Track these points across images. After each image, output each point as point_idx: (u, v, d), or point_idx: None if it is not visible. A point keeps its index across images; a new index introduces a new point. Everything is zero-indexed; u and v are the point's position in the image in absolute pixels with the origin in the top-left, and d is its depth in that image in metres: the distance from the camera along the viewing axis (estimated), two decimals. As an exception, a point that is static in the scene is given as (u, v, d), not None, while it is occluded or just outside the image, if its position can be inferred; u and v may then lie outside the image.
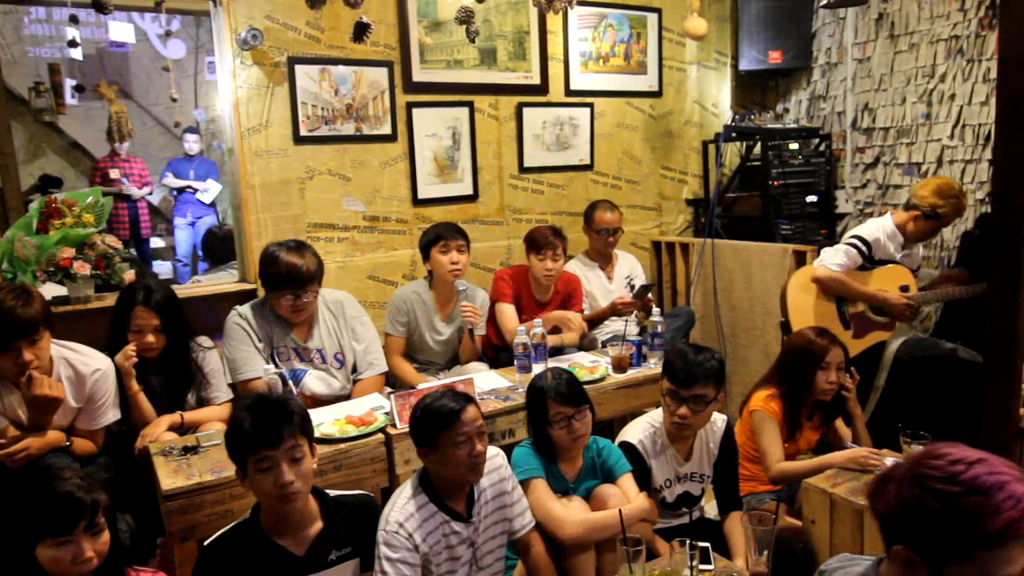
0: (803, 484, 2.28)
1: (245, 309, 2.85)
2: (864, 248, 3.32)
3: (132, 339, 2.64)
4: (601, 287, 3.88)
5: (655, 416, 2.44)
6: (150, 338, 2.64)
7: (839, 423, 2.80)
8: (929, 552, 1.15)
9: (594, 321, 3.80)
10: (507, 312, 3.45)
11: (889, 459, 2.33)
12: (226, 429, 1.78)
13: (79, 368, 2.47)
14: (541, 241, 3.43)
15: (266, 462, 1.68)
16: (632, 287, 3.87)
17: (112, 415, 2.56)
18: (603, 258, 3.92)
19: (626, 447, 2.34)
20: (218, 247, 4.65)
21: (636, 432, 2.39)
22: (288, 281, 2.73)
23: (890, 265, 3.37)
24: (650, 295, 3.22)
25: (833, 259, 3.33)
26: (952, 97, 3.99)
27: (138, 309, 2.64)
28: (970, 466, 1.14)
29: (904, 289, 3.35)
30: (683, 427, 2.32)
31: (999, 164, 2.18)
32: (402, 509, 1.88)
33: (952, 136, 3.99)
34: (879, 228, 3.37)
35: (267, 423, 1.70)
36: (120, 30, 4.00)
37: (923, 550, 1.15)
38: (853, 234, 3.40)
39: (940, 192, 3.26)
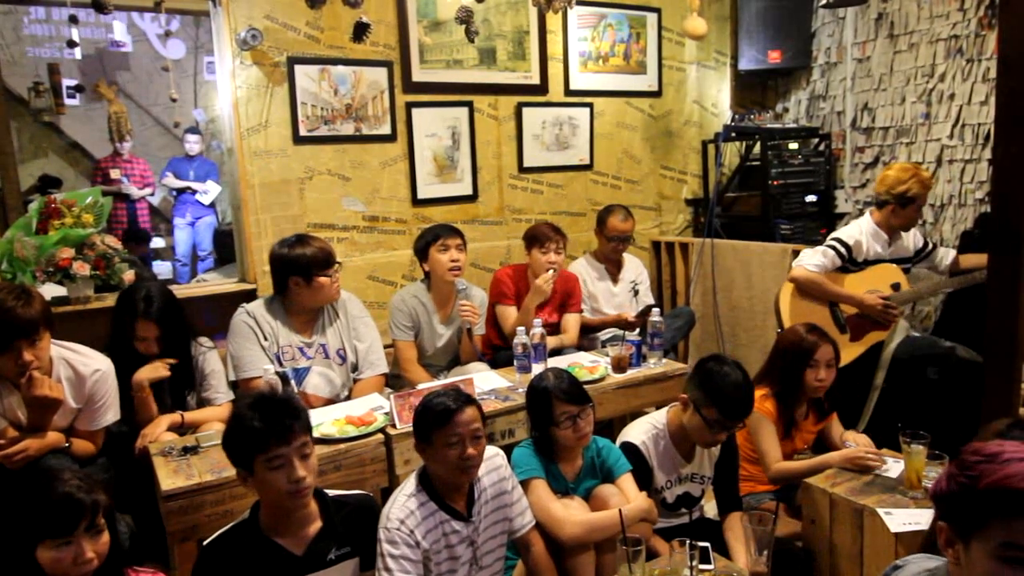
0: (803, 484, 2.28)
1: (254, 306, 2.86)
2: (843, 250, 3.32)
3: (139, 346, 2.66)
4: (605, 291, 3.88)
5: (657, 417, 2.43)
6: (154, 348, 2.69)
7: (835, 421, 2.79)
8: (956, 522, 1.18)
9: (592, 327, 3.80)
10: (510, 314, 3.47)
11: (889, 459, 2.33)
12: (227, 429, 1.77)
13: (79, 369, 2.46)
14: (543, 236, 3.45)
15: (278, 459, 1.68)
16: (636, 292, 3.88)
17: (112, 416, 2.56)
18: (611, 262, 3.93)
19: (629, 448, 2.33)
20: (227, 245, 4.75)
21: (639, 433, 2.38)
22: (325, 262, 2.83)
23: (880, 265, 3.37)
24: (653, 312, 3.24)
25: (811, 260, 3.34)
26: (952, 97, 3.99)
27: (140, 322, 2.65)
28: (1003, 446, 1.17)
29: (895, 287, 3.35)
30: (716, 444, 2.36)
31: (999, 164, 2.18)
32: (403, 506, 1.88)
33: (952, 136, 4.00)
34: (859, 230, 3.36)
35: (278, 420, 1.70)
36: (116, 30, 4.00)
37: (953, 521, 1.19)
38: (833, 236, 3.40)
39: (899, 180, 3.26)
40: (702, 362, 2.37)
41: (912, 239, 3.47)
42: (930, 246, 3.50)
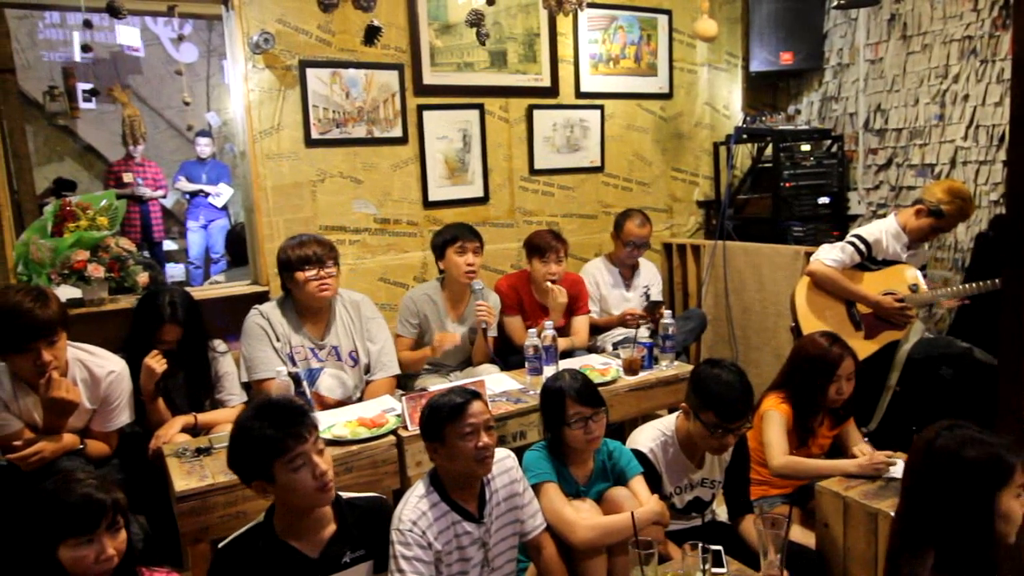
0: (816, 487, 2.27)
1: (266, 308, 2.87)
2: (863, 247, 3.30)
3: (160, 349, 2.68)
4: (619, 297, 3.88)
5: (666, 423, 2.42)
6: (174, 349, 2.71)
7: (852, 426, 2.77)
8: None
9: (601, 327, 3.80)
10: (515, 324, 3.49)
11: (899, 461, 2.31)
12: (233, 446, 1.75)
13: (94, 370, 2.49)
14: (544, 246, 3.44)
15: (300, 459, 1.69)
16: (648, 297, 3.87)
17: (126, 417, 2.58)
18: (626, 267, 3.93)
19: (637, 455, 2.32)
20: (241, 246, 4.76)
21: (647, 440, 2.37)
22: (304, 258, 2.79)
23: (898, 265, 3.35)
24: (661, 310, 3.23)
25: (829, 255, 3.32)
26: (966, 98, 3.96)
27: (166, 326, 2.68)
28: None
29: (914, 289, 3.33)
30: (724, 449, 2.33)
31: (1013, 165, 2.16)
32: (415, 508, 1.89)
33: (966, 137, 3.97)
34: (881, 229, 3.35)
35: (289, 422, 1.71)
36: (128, 34, 4.01)
37: None
38: (854, 233, 3.39)
39: (950, 190, 3.24)
40: (696, 367, 2.37)
41: (926, 250, 3.46)
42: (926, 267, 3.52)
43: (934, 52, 4.10)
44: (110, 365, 2.53)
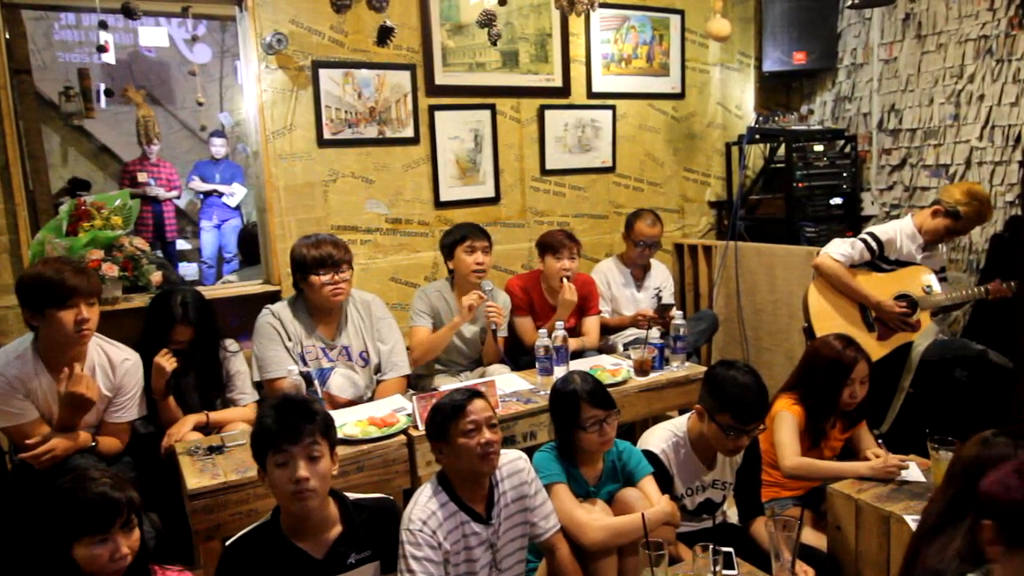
0: (828, 489, 2.25)
1: (278, 307, 2.88)
2: (875, 245, 3.28)
3: (172, 348, 2.71)
4: (630, 297, 3.87)
5: (678, 424, 2.41)
6: (184, 346, 2.75)
7: (864, 429, 2.75)
8: (1010, 533, 1.25)
9: (613, 327, 3.79)
10: (526, 325, 3.50)
11: (912, 464, 2.29)
12: (253, 428, 1.79)
13: (112, 356, 2.56)
14: (557, 244, 3.46)
15: (283, 456, 1.69)
16: (659, 299, 3.86)
17: (138, 411, 2.61)
18: (637, 267, 3.92)
19: (649, 456, 2.31)
20: (253, 246, 4.77)
21: (658, 441, 2.36)
22: (319, 260, 2.78)
23: (914, 267, 3.33)
24: (671, 312, 3.22)
25: (838, 249, 3.30)
26: (981, 98, 3.93)
27: (178, 327, 2.72)
28: None
29: (927, 292, 3.30)
30: (739, 451, 2.32)
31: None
32: (424, 507, 1.89)
33: (981, 137, 3.93)
34: (896, 228, 3.33)
35: (289, 419, 1.72)
36: (152, 35, 4.03)
37: (1006, 531, 1.25)
38: (868, 230, 3.37)
39: (969, 192, 3.22)
40: (711, 369, 2.36)
41: (942, 252, 3.43)
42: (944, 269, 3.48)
43: (949, 52, 4.07)
44: (126, 354, 2.60)
